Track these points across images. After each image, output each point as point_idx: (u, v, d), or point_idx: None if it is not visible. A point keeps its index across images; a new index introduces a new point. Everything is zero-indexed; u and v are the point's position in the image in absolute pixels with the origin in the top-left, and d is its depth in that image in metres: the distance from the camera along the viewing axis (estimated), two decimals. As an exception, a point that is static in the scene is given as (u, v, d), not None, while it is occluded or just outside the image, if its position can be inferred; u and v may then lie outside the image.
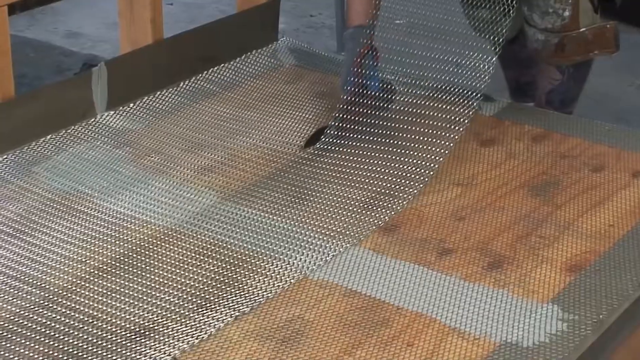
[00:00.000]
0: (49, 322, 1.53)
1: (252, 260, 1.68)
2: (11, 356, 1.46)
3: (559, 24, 2.06)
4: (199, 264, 1.67)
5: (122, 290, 1.60)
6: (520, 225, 1.80)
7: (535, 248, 1.73)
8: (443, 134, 1.94)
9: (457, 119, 1.96)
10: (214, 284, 1.62)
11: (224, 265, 1.66)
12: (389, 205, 1.82)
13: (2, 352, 1.47)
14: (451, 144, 1.93)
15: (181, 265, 1.66)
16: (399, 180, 1.88)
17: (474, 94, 2.00)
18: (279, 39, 2.52)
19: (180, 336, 1.50)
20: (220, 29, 2.44)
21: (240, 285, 1.61)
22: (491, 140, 2.09)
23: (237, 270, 1.65)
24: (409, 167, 1.90)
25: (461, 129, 1.95)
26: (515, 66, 2.42)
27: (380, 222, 1.78)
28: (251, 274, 1.64)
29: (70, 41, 4.14)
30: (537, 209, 1.85)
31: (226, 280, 1.63)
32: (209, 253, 1.70)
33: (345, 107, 1.99)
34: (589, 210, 1.85)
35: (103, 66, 2.16)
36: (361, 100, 1.99)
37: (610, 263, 1.70)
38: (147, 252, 1.70)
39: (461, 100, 2.00)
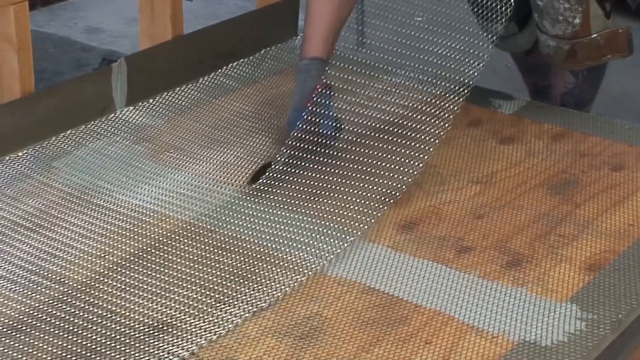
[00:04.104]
0: (67, 317, 1.54)
1: (271, 254, 1.68)
2: (30, 350, 1.47)
3: (569, 31, 2.04)
4: (217, 258, 1.67)
5: (140, 285, 1.61)
6: (539, 223, 1.80)
7: (554, 247, 1.73)
8: (435, 121, 1.92)
9: (448, 106, 1.94)
10: (232, 278, 1.62)
11: (242, 259, 1.66)
12: (397, 194, 1.82)
13: (21, 347, 1.47)
14: (442, 133, 1.90)
15: (200, 260, 1.67)
16: (404, 169, 1.86)
17: (466, 82, 1.97)
18: (299, 35, 2.52)
19: (199, 332, 1.50)
20: (240, 25, 2.44)
21: (259, 280, 1.62)
22: (511, 139, 2.09)
23: (256, 263, 1.65)
24: (410, 156, 1.88)
25: (451, 117, 1.92)
26: (533, 72, 2.41)
27: (389, 206, 1.78)
28: (270, 267, 1.64)
29: (89, 36, 4.16)
30: (556, 207, 1.85)
31: (245, 275, 1.63)
32: (228, 247, 1.70)
33: (294, 143, 1.88)
34: (608, 209, 1.85)
35: (123, 62, 2.16)
36: (312, 138, 1.89)
37: (630, 262, 1.69)
38: (165, 247, 1.70)
39: (453, 88, 1.99)
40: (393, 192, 1.82)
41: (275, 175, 1.88)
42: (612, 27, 2.07)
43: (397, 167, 1.86)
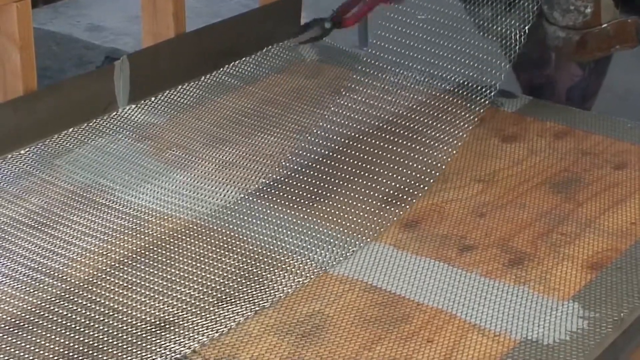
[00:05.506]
0: (69, 315, 1.54)
1: (273, 254, 1.68)
2: (32, 348, 1.47)
3: (580, 21, 2.05)
4: (220, 257, 1.67)
5: (143, 283, 1.61)
6: (542, 222, 1.80)
7: (557, 245, 1.73)
8: (453, 130, 1.94)
9: (468, 116, 1.95)
10: (234, 277, 1.62)
11: (244, 259, 1.67)
12: (407, 199, 1.82)
13: (23, 344, 1.48)
14: (459, 143, 1.91)
15: (202, 258, 1.67)
16: (413, 174, 1.87)
17: (487, 91, 1.99)
18: (301, 33, 2.52)
19: (201, 330, 1.50)
20: (243, 23, 2.44)
21: (261, 280, 1.62)
22: (513, 137, 2.09)
23: (258, 264, 1.66)
24: (422, 163, 1.89)
25: (469, 127, 1.94)
26: (528, 67, 2.40)
27: (397, 216, 1.78)
28: (272, 268, 1.64)
29: (92, 34, 4.15)
30: (559, 206, 1.85)
31: (247, 275, 1.63)
32: (230, 247, 1.70)
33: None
34: (610, 207, 1.84)
35: (125, 60, 2.16)
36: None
37: (632, 261, 1.69)
38: (168, 246, 1.71)
39: (474, 97, 2.00)
40: (400, 195, 1.83)
41: (278, 176, 1.89)
42: (620, 17, 2.07)
43: (404, 169, 1.87)
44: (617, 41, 2.09)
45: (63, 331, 1.50)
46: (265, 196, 1.84)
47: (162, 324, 1.52)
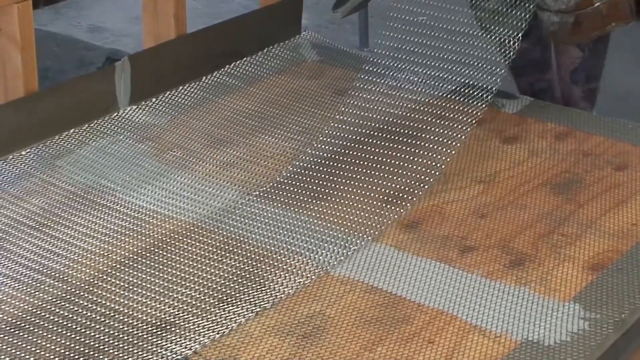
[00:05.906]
0: (70, 315, 1.54)
1: (274, 256, 1.68)
2: (33, 348, 1.47)
3: (572, 3, 2.05)
4: (220, 258, 1.67)
5: (143, 284, 1.61)
6: (543, 223, 1.80)
7: (558, 246, 1.73)
8: (451, 133, 1.94)
9: (465, 119, 1.96)
10: (235, 279, 1.62)
11: (245, 260, 1.67)
12: (408, 198, 1.82)
13: (24, 345, 1.48)
14: (458, 144, 1.92)
15: (203, 260, 1.67)
16: (413, 175, 1.87)
17: (486, 94, 1.99)
18: (302, 34, 2.52)
19: (202, 331, 1.50)
20: (243, 24, 2.44)
21: (262, 281, 1.62)
22: (514, 138, 2.09)
23: (259, 265, 1.66)
24: (422, 164, 1.89)
25: (468, 129, 1.94)
26: (528, 70, 2.40)
27: (399, 214, 1.78)
28: (272, 269, 1.65)
29: (93, 35, 4.16)
30: (560, 207, 1.85)
31: (247, 276, 1.63)
32: (231, 248, 1.70)
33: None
34: (611, 208, 1.84)
35: (126, 60, 2.16)
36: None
37: (633, 262, 1.69)
38: (168, 247, 1.71)
39: (471, 101, 2.00)
40: (401, 195, 1.83)
41: (279, 177, 1.88)
42: None
43: (404, 170, 1.87)
44: (611, 19, 2.09)
45: (64, 332, 1.50)
46: (266, 197, 1.84)
47: (163, 325, 1.52)
